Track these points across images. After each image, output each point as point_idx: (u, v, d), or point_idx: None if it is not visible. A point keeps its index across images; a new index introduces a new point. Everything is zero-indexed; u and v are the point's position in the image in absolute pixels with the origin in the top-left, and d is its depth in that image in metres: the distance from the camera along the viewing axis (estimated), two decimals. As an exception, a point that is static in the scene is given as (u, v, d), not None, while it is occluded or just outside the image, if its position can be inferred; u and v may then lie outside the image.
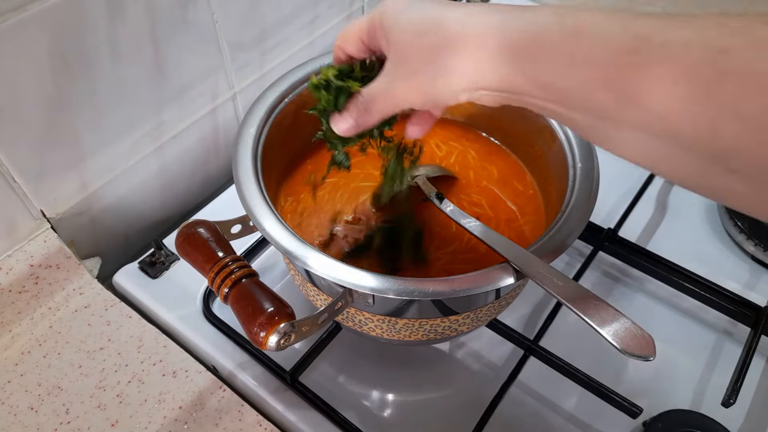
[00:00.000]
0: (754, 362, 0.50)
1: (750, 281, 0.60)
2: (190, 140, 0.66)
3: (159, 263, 0.59)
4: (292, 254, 0.38)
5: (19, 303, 0.53)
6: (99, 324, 0.53)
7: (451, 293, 0.37)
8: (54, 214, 0.55)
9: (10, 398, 0.49)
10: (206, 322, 0.55)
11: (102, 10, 0.49)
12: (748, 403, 0.51)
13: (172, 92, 0.60)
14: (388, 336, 0.46)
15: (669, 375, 0.53)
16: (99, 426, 0.47)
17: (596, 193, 0.43)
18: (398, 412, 0.51)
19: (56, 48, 0.47)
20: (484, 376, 0.53)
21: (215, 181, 0.73)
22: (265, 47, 0.68)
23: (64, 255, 0.55)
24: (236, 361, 0.52)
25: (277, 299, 0.36)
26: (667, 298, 0.58)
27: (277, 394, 0.50)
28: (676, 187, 0.68)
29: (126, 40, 0.52)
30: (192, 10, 0.57)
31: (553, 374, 0.51)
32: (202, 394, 0.49)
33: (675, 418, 0.48)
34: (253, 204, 0.41)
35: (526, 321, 0.57)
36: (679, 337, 0.56)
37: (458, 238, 0.49)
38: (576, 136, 0.47)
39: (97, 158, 0.56)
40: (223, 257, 0.38)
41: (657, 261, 0.58)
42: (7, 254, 0.53)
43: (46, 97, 0.49)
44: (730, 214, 0.62)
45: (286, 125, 0.50)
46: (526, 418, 0.50)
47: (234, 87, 0.67)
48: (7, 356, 0.51)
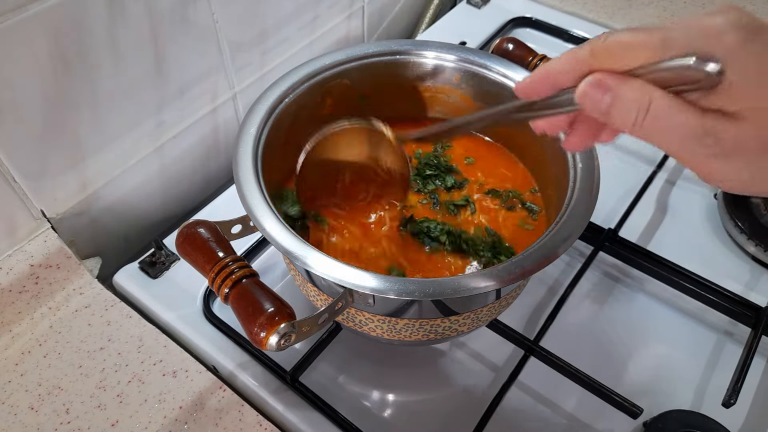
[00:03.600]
0: (754, 363, 0.50)
1: (750, 282, 0.60)
2: (190, 140, 0.66)
3: (159, 263, 0.59)
4: (292, 254, 0.38)
5: (20, 303, 0.53)
6: (99, 324, 0.53)
7: (451, 293, 0.37)
8: (54, 214, 0.55)
9: (10, 398, 0.49)
10: (206, 322, 0.55)
11: (102, 10, 0.49)
12: (748, 403, 0.51)
13: (172, 92, 0.60)
14: (388, 336, 0.46)
15: (669, 375, 0.53)
16: (99, 426, 0.47)
17: (597, 194, 0.43)
18: (398, 412, 0.51)
19: (56, 48, 0.47)
20: (484, 376, 0.53)
21: (215, 181, 0.73)
22: (266, 47, 0.68)
23: (65, 255, 0.55)
24: (236, 361, 0.52)
25: (277, 299, 0.36)
26: (668, 299, 0.58)
27: (277, 394, 0.50)
28: (676, 187, 0.68)
29: (126, 40, 0.52)
30: (192, 10, 0.57)
31: (554, 374, 0.51)
32: (203, 394, 0.49)
33: (675, 419, 0.48)
34: (253, 204, 0.41)
35: (526, 321, 0.57)
36: (680, 338, 0.56)
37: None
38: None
39: (97, 158, 0.56)
40: (223, 257, 0.38)
41: (657, 261, 0.58)
42: (7, 254, 0.53)
43: (46, 97, 0.49)
44: (731, 215, 0.62)
45: (287, 125, 0.50)
46: (526, 419, 0.50)
47: (234, 87, 0.67)
48: (7, 356, 0.51)
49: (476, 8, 0.91)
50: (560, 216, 0.42)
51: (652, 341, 0.55)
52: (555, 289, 0.59)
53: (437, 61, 0.54)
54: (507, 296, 0.46)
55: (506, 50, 0.53)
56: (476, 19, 0.89)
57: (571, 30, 0.85)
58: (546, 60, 0.52)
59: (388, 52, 0.53)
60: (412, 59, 0.54)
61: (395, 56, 0.54)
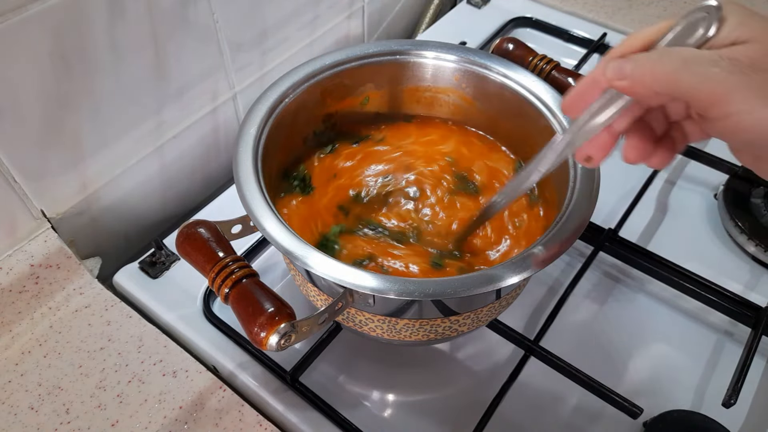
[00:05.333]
0: (754, 363, 0.50)
1: (750, 282, 0.60)
2: (190, 140, 0.66)
3: (159, 263, 0.59)
4: (292, 254, 0.38)
5: (20, 303, 0.53)
6: (99, 324, 0.53)
7: (451, 293, 0.37)
8: (54, 214, 0.55)
9: (10, 398, 0.49)
10: (206, 322, 0.55)
11: (102, 10, 0.49)
12: (748, 403, 0.51)
13: (172, 92, 0.60)
14: (388, 336, 0.46)
15: (669, 375, 0.53)
16: (99, 426, 0.47)
17: (597, 194, 0.43)
18: (398, 412, 0.51)
19: (56, 48, 0.47)
20: (484, 376, 0.53)
21: (215, 181, 0.73)
22: (266, 47, 0.68)
23: (65, 255, 0.55)
24: (236, 361, 0.52)
25: (277, 299, 0.36)
26: (668, 299, 0.58)
27: (277, 394, 0.50)
28: (676, 187, 0.68)
29: (126, 40, 0.52)
30: (192, 10, 0.57)
31: (554, 374, 0.51)
32: (203, 394, 0.49)
33: (675, 419, 0.48)
34: (253, 204, 0.41)
35: (526, 321, 0.57)
36: (680, 338, 0.56)
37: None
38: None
39: (97, 158, 0.56)
40: (223, 257, 0.38)
41: (658, 261, 0.58)
42: (7, 254, 0.53)
43: (47, 97, 0.49)
44: (731, 215, 0.62)
45: (287, 125, 0.50)
46: (526, 419, 0.50)
47: (234, 87, 0.67)
48: (7, 356, 0.51)
49: (476, 8, 0.91)
50: (560, 216, 0.42)
51: (652, 341, 0.55)
52: (555, 289, 0.59)
53: (437, 61, 0.54)
54: (507, 296, 0.46)
55: (506, 50, 0.53)
56: (476, 19, 0.89)
57: (571, 30, 0.85)
58: (546, 60, 0.52)
59: (388, 52, 0.53)
60: (412, 59, 0.54)
61: (395, 56, 0.53)
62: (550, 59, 0.52)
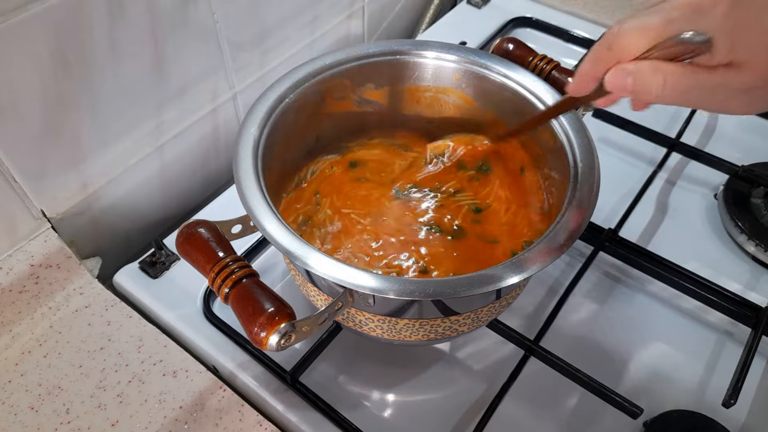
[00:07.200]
0: (754, 363, 0.50)
1: (750, 282, 0.60)
2: (190, 140, 0.66)
3: (159, 263, 0.59)
4: (292, 254, 0.38)
5: (20, 303, 0.53)
6: (99, 324, 0.53)
7: (451, 293, 0.37)
8: (54, 213, 0.55)
9: (10, 398, 0.49)
10: (206, 322, 0.55)
11: (102, 10, 0.49)
12: (748, 403, 0.51)
13: (172, 92, 0.60)
14: (388, 336, 0.46)
15: (669, 375, 0.53)
16: (99, 426, 0.47)
17: (597, 194, 0.43)
18: (398, 412, 0.51)
19: (56, 48, 0.47)
20: (484, 376, 0.53)
21: (215, 181, 0.73)
22: (266, 47, 0.68)
23: (65, 255, 0.55)
24: (236, 361, 0.52)
25: (277, 299, 0.36)
26: (668, 299, 0.58)
27: (277, 394, 0.50)
28: (676, 187, 0.68)
29: (126, 40, 0.52)
30: (192, 9, 0.57)
31: (554, 374, 0.51)
32: (203, 394, 0.49)
33: (675, 419, 0.48)
34: (253, 204, 0.41)
35: (526, 321, 0.57)
36: (680, 338, 0.56)
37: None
38: (576, 137, 0.47)
39: (97, 158, 0.56)
40: (223, 257, 0.38)
41: (658, 261, 0.58)
42: (7, 254, 0.53)
43: (47, 97, 0.49)
44: (731, 215, 0.62)
45: (287, 125, 0.50)
46: (526, 419, 0.50)
47: (234, 87, 0.67)
48: (7, 356, 0.51)
49: (476, 8, 0.91)
50: (560, 216, 0.42)
51: (652, 341, 0.55)
52: (555, 289, 0.59)
53: (437, 61, 0.54)
54: (507, 296, 0.46)
55: (506, 50, 0.53)
56: (476, 19, 0.89)
57: (571, 30, 0.85)
58: (546, 60, 0.52)
59: (389, 52, 0.53)
60: (413, 59, 0.54)
61: (395, 56, 0.54)
62: (551, 59, 0.52)
